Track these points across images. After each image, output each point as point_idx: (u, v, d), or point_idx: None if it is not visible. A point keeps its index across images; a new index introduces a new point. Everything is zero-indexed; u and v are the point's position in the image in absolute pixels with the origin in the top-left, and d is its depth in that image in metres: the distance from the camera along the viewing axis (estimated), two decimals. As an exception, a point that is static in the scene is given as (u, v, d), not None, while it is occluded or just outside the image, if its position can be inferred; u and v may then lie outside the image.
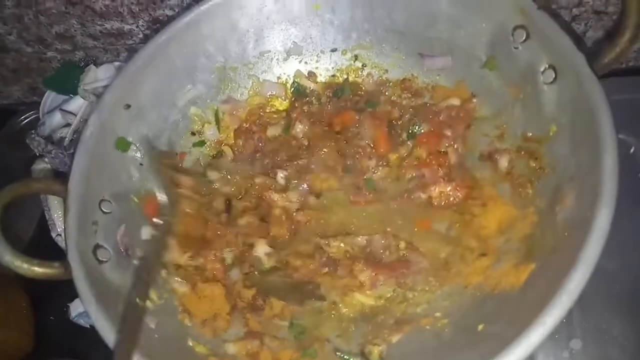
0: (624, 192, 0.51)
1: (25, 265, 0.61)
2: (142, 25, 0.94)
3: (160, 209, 0.75)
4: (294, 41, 0.86)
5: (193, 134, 0.85)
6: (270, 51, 0.86)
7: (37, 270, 0.62)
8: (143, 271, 0.65)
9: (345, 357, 0.64)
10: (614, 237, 0.49)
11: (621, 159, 0.53)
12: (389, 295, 0.70)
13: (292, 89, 0.87)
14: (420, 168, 0.75)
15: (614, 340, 0.66)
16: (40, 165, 0.94)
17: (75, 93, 0.97)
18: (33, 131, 0.96)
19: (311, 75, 0.87)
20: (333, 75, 0.87)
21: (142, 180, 0.77)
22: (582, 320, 0.67)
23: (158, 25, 0.93)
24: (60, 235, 0.88)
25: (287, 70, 0.87)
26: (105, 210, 0.70)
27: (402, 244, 0.72)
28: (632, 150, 0.72)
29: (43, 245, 0.92)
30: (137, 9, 0.90)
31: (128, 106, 0.76)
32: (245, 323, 0.69)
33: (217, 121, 0.86)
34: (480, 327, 0.58)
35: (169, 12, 0.91)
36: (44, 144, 0.93)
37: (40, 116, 1.01)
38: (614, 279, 0.66)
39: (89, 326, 0.85)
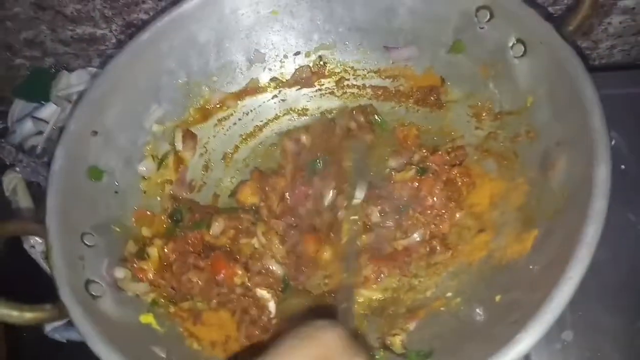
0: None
1: (14, 313, 0.56)
2: (116, 30, 0.90)
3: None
4: (255, 49, 0.85)
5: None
6: (232, 61, 0.84)
7: (28, 316, 0.56)
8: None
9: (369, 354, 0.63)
10: (602, 229, 0.51)
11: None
12: (394, 285, 0.70)
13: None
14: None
15: (605, 331, 0.67)
16: (11, 175, 0.89)
17: (47, 100, 0.93)
18: (2, 140, 0.91)
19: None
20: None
21: (120, 208, 0.73)
22: (573, 312, 0.68)
23: (132, 29, 0.89)
24: (34, 247, 0.82)
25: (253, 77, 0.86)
26: (88, 244, 0.65)
27: (398, 234, 0.72)
28: (613, 143, 0.74)
29: (14, 258, 0.87)
30: (110, 13, 0.87)
31: (95, 133, 0.72)
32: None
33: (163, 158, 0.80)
34: (497, 297, 0.59)
35: (144, 16, 0.87)
36: (15, 153, 0.88)
37: (9, 125, 0.96)
38: (603, 271, 0.65)
39: (65, 341, 0.80)
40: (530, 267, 0.58)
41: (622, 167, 0.74)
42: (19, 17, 0.87)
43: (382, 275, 0.70)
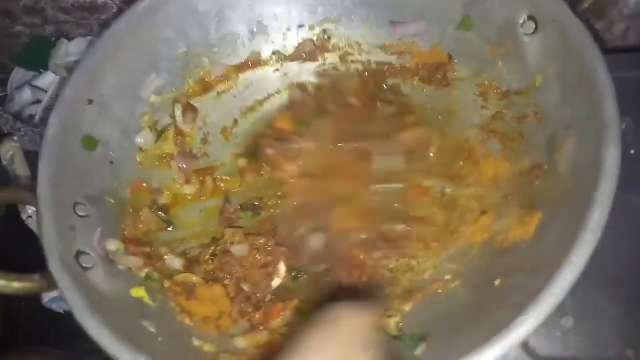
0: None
1: (1, 282, 0.54)
2: None
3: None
4: (257, 20, 0.82)
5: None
6: (233, 32, 0.82)
7: (16, 285, 0.55)
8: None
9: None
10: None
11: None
12: (391, 266, 0.69)
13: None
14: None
15: (605, 318, 0.66)
16: (8, 144, 0.87)
17: (46, 68, 0.91)
18: (0, 108, 0.89)
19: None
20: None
21: (115, 179, 0.72)
22: (574, 298, 0.67)
23: None
24: (31, 217, 0.81)
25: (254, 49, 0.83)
26: (81, 214, 0.64)
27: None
28: (623, 127, 0.72)
29: (11, 230, 0.86)
30: None
31: (90, 101, 0.70)
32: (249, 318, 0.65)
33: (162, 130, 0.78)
34: (497, 282, 0.57)
35: None
36: (13, 121, 0.86)
37: (8, 92, 0.94)
38: (605, 256, 0.64)
39: (62, 311, 0.80)
40: (533, 251, 0.56)
41: (632, 151, 0.72)
42: (18, -17, 0.85)
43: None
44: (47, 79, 0.93)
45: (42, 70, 0.94)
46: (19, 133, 0.88)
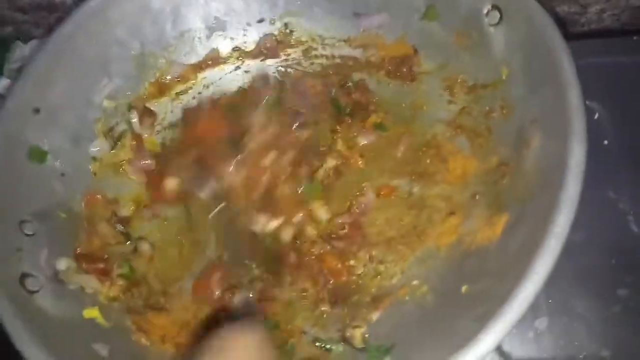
0: (589, 160, 0.48)
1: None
2: None
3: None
4: (215, 16, 0.78)
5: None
6: (190, 30, 0.78)
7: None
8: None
9: (326, 346, 0.59)
10: (579, 208, 0.46)
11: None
12: (359, 272, 0.66)
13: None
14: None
15: (579, 317, 0.64)
16: None
17: (2, 73, 0.88)
18: None
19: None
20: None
21: (67, 192, 0.68)
22: (548, 297, 0.64)
23: None
24: None
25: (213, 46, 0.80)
26: (28, 233, 0.61)
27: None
28: (596, 117, 0.69)
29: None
30: None
31: (37, 110, 0.66)
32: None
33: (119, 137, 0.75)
34: (463, 288, 0.55)
35: None
36: None
37: None
38: (579, 253, 0.64)
39: None
40: (499, 255, 0.53)
41: (605, 142, 0.69)
42: (-31, -16, 0.81)
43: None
44: (2, 84, 0.88)
45: None
46: None
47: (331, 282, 0.65)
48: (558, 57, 0.53)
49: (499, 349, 0.63)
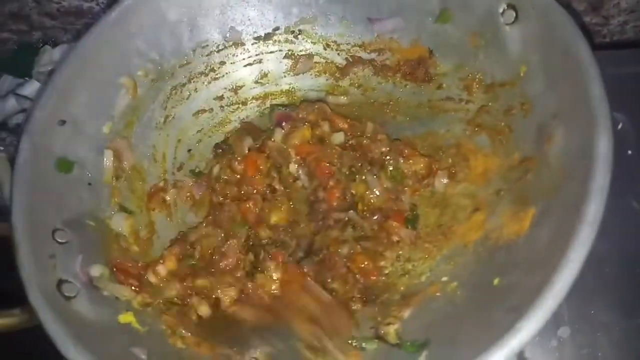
0: (613, 170, 0.48)
1: (-21, 319, 0.52)
2: (103, 3, 0.87)
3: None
4: (231, 26, 0.80)
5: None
6: (207, 40, 0.80)
7: (-5, 322, 0.53)
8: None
9: (362, 345, 0.60)
10: (602, 218, 0.46)
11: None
12: (387, 271, 0.67)
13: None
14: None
15: (603, 326, 0.64)
16: None
17: (32, 76, 0.90)
18: None
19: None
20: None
21: (94, 201, 0.69)
22: (571, 306, 0.65)
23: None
24: None
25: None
26: (60, 241, 0.61)
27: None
28: (620, 127, 0.69)
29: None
30: None
31: (63, 122, 0.67)
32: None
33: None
34: (495, 281, 0.56)
35: None
36: None
37: None
38: (603, 263, 0.64)
39: None
40: (529, 247, 0.54)
41: (629, 152, 0.70)
42: (1, -11, 0.84)
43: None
44: (33, 87, 0.91)
45: (27, 78, 0.92)
46: (4, 143, 0.86)
47: (361, 281, 0.65)
48: (577, 51, 0.54)
49: (521, 356, 0.64)
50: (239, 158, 0.73)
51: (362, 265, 0.65)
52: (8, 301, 0.56)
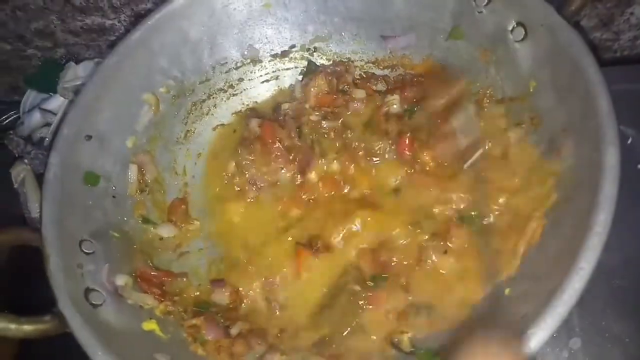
0: (622, 184, 0.49)
1: (12, 326, 0.54)
2: (125, 20, 0.90)
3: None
4: (249, 44, 0.83)
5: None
6: (226, 58, 0.83)
7: (27, 328, 0.55)
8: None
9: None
10: (613, 231, 0.48)
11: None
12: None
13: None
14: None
15: (614, 338, 0.64)
16: (20, 167, 0.88)
17: (56, 91, 0.93)
18: (12, 132, 0.91)
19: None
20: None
21: (118, 213, 0.72)
22: (582, 318, 0.65)
23: (141, 20, 0.87)
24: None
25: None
26: (87, 251, 0.64)
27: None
28: (630, 141, 0.70)
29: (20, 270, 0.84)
30: (119, 3, 0.87)
31: (89, 137, 0.70)
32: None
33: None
34: (506, 291, 0.57)
35: (151, 6, 0.86)
36: (23, 145, 0.88)
37: (21, 115, 0.96)
38: (613, 275, 0.64)
39: None
40: (538, 257, 0.56)
41: (639, 166, 0.71)
42: (29, 7, 0.88)
43: None
44: (57, 102, 0.94)
45: (52, 94, 0.95)
46: (29, 156, 0.89)
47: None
48: (584, 66, 0.56)
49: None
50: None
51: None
52: (39, 309, 0.58)
